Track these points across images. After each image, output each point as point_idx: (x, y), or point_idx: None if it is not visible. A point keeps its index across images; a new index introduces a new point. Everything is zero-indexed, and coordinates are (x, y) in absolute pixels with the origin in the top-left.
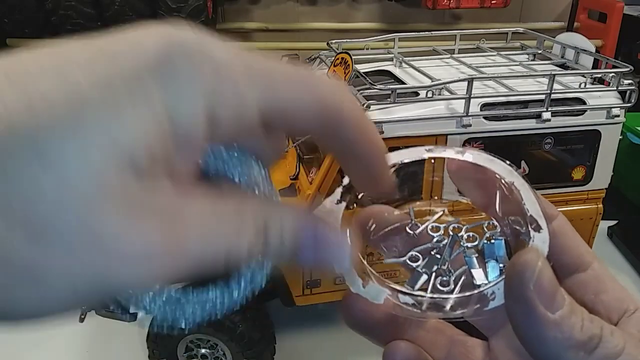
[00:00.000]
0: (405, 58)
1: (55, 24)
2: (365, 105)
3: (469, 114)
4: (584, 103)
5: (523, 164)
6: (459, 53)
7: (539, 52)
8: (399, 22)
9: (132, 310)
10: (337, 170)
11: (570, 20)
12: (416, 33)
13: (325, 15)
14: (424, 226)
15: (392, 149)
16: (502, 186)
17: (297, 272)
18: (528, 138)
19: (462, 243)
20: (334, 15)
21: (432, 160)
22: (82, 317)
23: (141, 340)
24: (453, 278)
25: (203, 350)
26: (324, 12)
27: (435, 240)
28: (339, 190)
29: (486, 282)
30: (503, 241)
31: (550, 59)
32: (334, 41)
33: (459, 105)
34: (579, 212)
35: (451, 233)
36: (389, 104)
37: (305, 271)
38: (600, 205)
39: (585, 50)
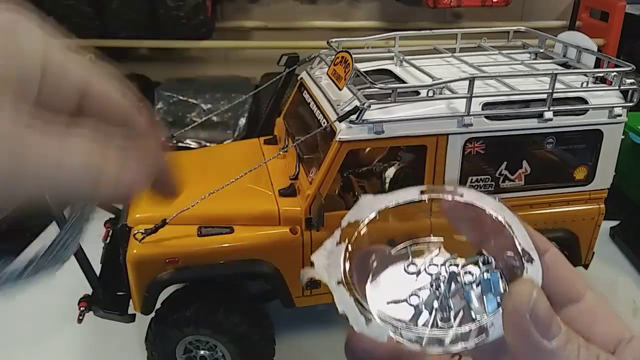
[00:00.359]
0: (405, 57)
1: (54, 23)
2: (365, 105)
3: (470, 113)
4: (586, 102)
5: (525, 163)
6: (460, 52)
7: (541, 51)
8: (399, 20)
9: None
10: (337, 170)
11: (572, 19)
12: (417, 32)
13: (326, 13)
14: (422, 265)
15: (392, 149)
16: (494, 222)
17: (297, 273)
18: (530, 137)
19: (459, 279)
20: (334, 13)
21: (426, 201)
22: (80, 318)
23: (140, 341)
24: (453, 313)
25: (202, 352)
26: (324, 10)
27: (433, 278)
28: (337, 232)
29: (484, 315)
30: (499, 275)
31: (552, 57)
32: (334, 40)
33: (460, 105)
34: (581, 212)
35: (448, 270)
36: (390, 103)
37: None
38: (603, 206)
39: (587, 49)
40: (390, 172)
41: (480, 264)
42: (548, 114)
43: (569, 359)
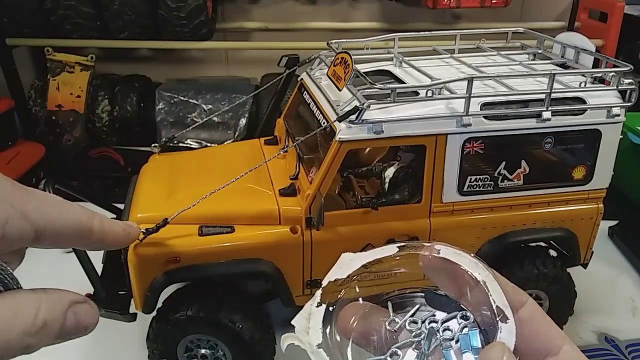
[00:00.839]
0: (405, 58)
1: (55, 23)
2: (365, 105)
3: (469, 114)
4: (584, 102)
5: (523, 163)
6: (459, 53)
7: (539, 51)
8: (399, 21)
9: None
10: (337, 170)
11: (570, 20)
12: (416, 33)
13: (325, 14)
14: (402, 321)
15: (392, 149)
16: (470, 278)
17: (297, 272)
18: (528, 137)
19: (438, 335)
20: (334, 14)
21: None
22: None
23: (141, 340)
24: None
25: (203, 351)
26: (324, 11)
27: (413, 334)
28: (318, 292)
29: None
30: (477, 332)
31: (550, 58)
32: (333, 41)
33: (459, 105)
34: (580, 211)
35: (428, 326)
36: (389, 103)
37: (305, 271)
38: (601, 205)
39: (586, 50)
40: (389, 172)
41: (459, 319)
42: (546, 114)
43: None
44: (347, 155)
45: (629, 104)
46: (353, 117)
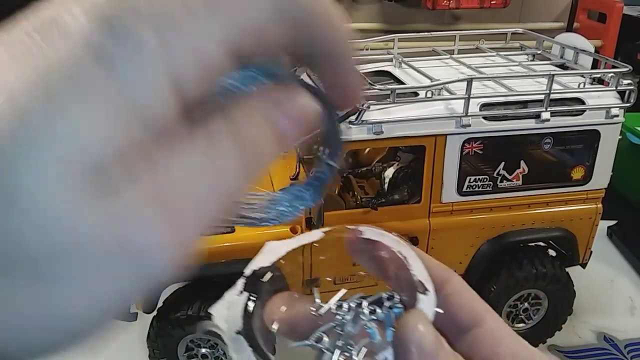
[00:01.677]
0: (404, 58)
1: None
2: (364, 105)
3: (468, 114)
4: (583, 103)
5: (522, 163)
6: (458, 53)
7: (538, 52)
8: (398, 22)
9: None
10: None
11: (569, 21)
12: (416, 34)
13: None
14: (327, 305)
15: (391, 149)
16: (393, 256)
17: (297, 272)
18: (527, 138)
19: (362, 317)
20: None
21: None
22: None
23: (141, 340)
24: (355, 352)
25: (203, 350)
26: None
27: (339, 318)
28: (240, 281)
29: (383, 350)
30: (402, 309)
31: (549, 59)
32: None
33: (458, 106)
34: (578, 212)
35: (353, 309)
36: (389, 104)
37: (305, 270)
38: (600, 205)
39: (585, 51)
40: (389, 172)
41: (385, 300)
42: (545, 115)
43: None
44: (347, 156)
45: (628, 104)
46: (353, 117)
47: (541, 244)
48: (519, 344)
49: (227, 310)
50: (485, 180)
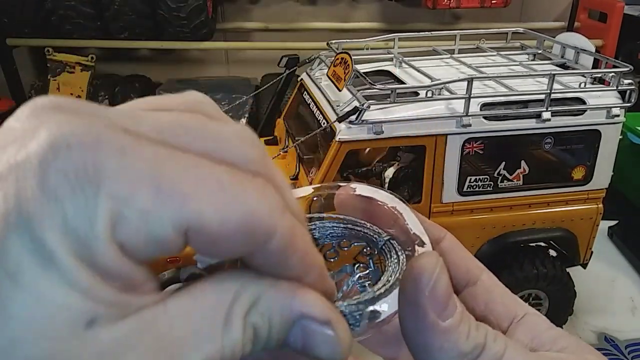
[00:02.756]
0: (405, 58)
1: (55, 23)
2: (365, 105)
3: (469, 114)
4: (584, 103)
5: (523, 163)
6: (459, 53)
7: (539, 52)
8: (399, 22)
9: None
10: (337, 170)
11: (570, 20)
12: (416, 33)
13: (325, 15)
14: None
15: (392, 149)
16: (388, 212)
17: None
18: (528, 138)
19: (353, 275)
20: (334, 15)
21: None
22: None
23: None
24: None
25: None
26: (324, 11)
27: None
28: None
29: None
30: (410, 253)
31: (550, 59)
32: (334, 41)
33: (458, 105)
34: (579, 212)
35: (346, 270)
36: (389, 103)
37: None
38: (601, 205)
39: (585, 50)
40: (389, 172)
41: (373, 258)
42: (546, 115)
43: (459, 339)
44: (347, 156)
45: (629, 104)
46: (353, 117)
47: (542, 244)
48: (512, 300)
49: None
50: (485, 180)
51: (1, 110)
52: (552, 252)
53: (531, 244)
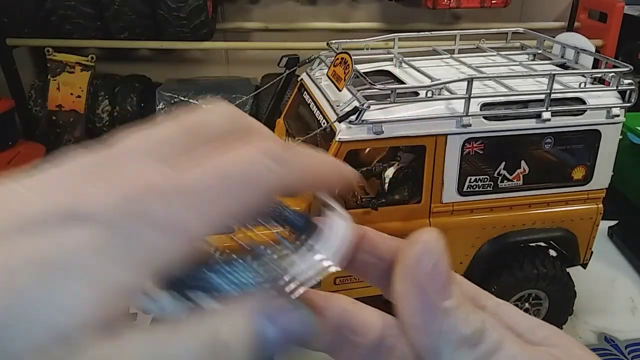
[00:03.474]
0: (405, 58)
1: (55, 23)
2: (365, 105)
3: (469, 114)
4: (584, 103)
5: (523, 163)
6: (459, 53)
7: (539, 52)
8: (399, 22)
9: None
10: None
11: (570, 20)
12: (416, 33)
13: (325, 15)
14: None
15: (392, 149)
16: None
17: None
18: (528, 138)
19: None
20: (334, 15)
21: None
22: None
23: None
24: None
25: None
26: (324, 11)
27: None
28: None
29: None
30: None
31: (550, 59)
32: (333, 41)
33: (458, 105)
34: (579, 212)
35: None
36: (389, 103)
37: None
38: (601, 205)
39: (585, 50)
40: (389, 172)
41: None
42: (546, 115)
43: (457, 322)
44: (347, 156)
45: (629, 104)
46: (353, 117)
47: (542, 244)
48: (474, 289)
49: None
50: (485, 180)
51: (1, 110)
52: (552, 252)
53: (531, 244)
